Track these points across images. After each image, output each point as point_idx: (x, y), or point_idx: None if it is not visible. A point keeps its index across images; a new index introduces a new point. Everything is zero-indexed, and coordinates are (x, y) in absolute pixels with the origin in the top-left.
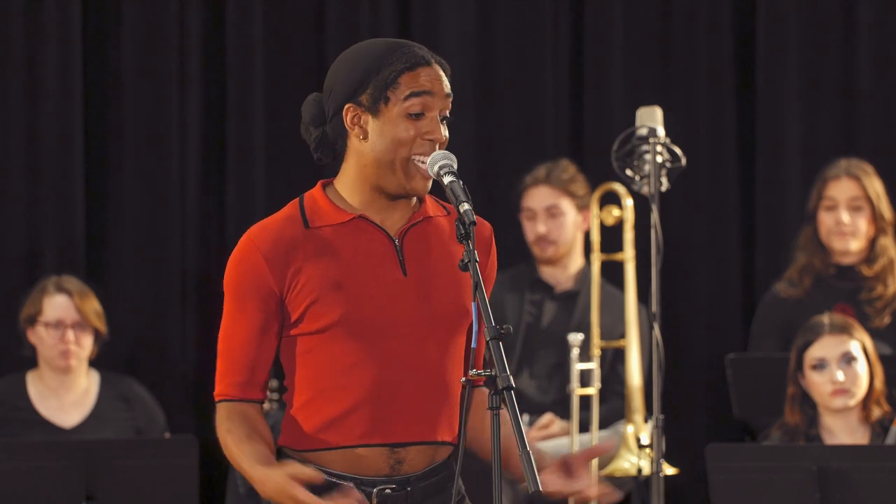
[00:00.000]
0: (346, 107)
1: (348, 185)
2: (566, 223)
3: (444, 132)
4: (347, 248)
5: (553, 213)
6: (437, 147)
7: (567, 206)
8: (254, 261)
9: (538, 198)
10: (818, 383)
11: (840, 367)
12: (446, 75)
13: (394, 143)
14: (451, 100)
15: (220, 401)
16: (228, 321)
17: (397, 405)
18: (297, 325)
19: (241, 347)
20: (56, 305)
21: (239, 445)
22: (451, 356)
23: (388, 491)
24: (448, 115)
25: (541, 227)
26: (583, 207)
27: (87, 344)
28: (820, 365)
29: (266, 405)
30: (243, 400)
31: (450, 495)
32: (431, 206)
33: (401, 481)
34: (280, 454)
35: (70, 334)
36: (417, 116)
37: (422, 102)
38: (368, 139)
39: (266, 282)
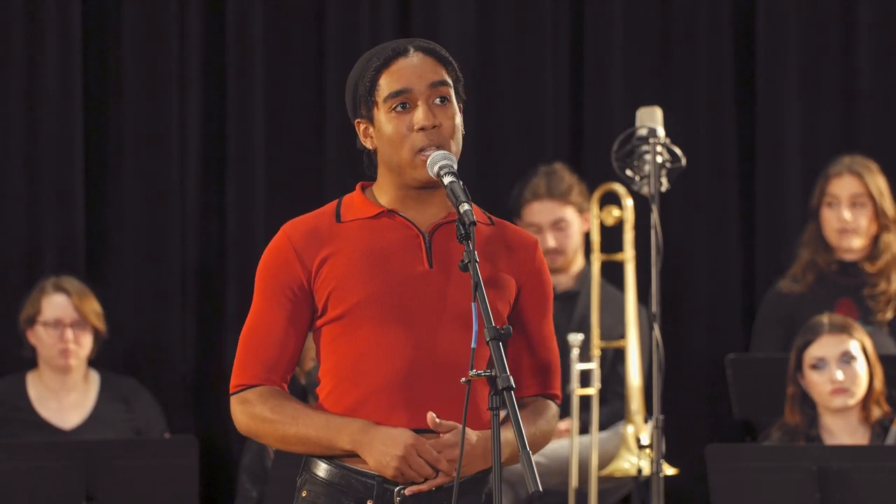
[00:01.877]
0: (356, 123)
1: (381, 183)
2: (573, 233)
3: (443, 117)
4: (374, 239)
5: (560, 226)
6: (437, 131)
7: (571, 216)
8: (284, 251)
9: (542, 213)
10: (818, 383)
11: (839, 367)
12: (437, 56)
13: (391, 144)
14: (443, 80)
15: (242, 390)
16: (255, 313)
17: (417, 391)
18: (323, 314)
19: (267, 337)
20: (54, 305)
21: (307, 412)
22: (478, 354)
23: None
24: (450, 92)
25: (550, 242)
26: (583, 211)
27: (87, 343)
28: (819, 364)
29: None
30: (271, 384)
31: (481, 498)
32: (474, 212)
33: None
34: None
35: (69, 333)
36: (404, 110)
37: (402, 97)
38: (378, 146)
39: (295, 272)
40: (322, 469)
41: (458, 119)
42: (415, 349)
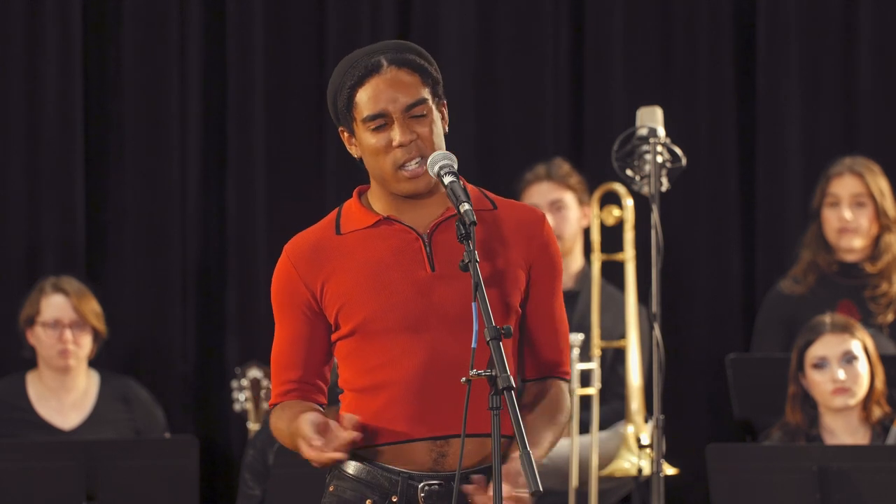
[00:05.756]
0: (339, 131)
1: (374, 191)
2: (570, 217)
3: (419, 129)
4: (375, 250)
5: (558, 206)
6: (415, 144)
7: (570, 200)
8: (287, 273)
9: (541, 193)
10: (819, 382)
11: (841, 366)
12: (411, 66)
13: (374, 159)
14: (417, 100)
15: (273, 407)
16: (276, 335)
17: (433, 399)
18: (335, 330)
19: (286, 356)
20: (53, 305)
21: (290, 419)
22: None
23: (435, 487)
24: (426, 108)
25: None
26: (583, 203)
27: (86, 343)
28: (821, 364)
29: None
30: (298, 399)
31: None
32: (474, 201)
33: (447, 477)
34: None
35: (68, 333)
36: (382, 127)
37: (378, 120)
38: (363, 157)
39: (300, 291)
40: (352, 466)
41: (438, 125)
42: (427, 357)
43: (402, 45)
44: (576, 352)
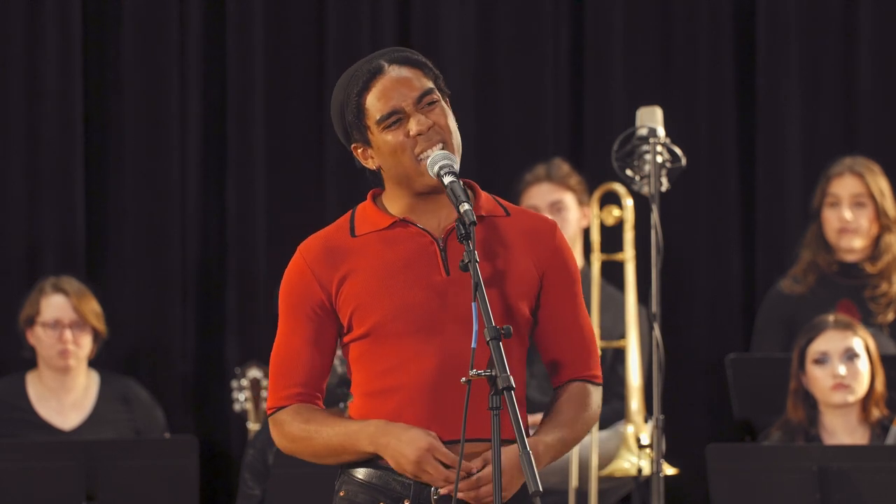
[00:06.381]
0: (352, 148)
1: (389, 194)
2: (569, 218)
3: (434, 117)
4: (390, 253)
5: (558, 207)
6: (433, 130)
7: (570, 201)
8: (302, 273)
9: (541, 194)
10: (819, 378)
11: (842, 362)
12: (412, 63)
13: (394, 157)
14: (426, 89)
15: (276, 410)
16: (281, 334)
17: (445, 402)
18: (348, 332)
19: (294, 358)
20: (53, 305)
21: (329, 423)
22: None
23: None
24: (436, 96)
25: None
26: (582, 203)
27: (86, 344)
28: (822, 359)
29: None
30: (302, 403)
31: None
32: (487, 206)
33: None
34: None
35: (68, 334)
36: (398, 124)
37: (393, 117)
38: (382, 164)
39: (314, 292)
40: (361, 471)
41: (450, 114)
42: (439, 360)
43: (396, 48)
44: None
